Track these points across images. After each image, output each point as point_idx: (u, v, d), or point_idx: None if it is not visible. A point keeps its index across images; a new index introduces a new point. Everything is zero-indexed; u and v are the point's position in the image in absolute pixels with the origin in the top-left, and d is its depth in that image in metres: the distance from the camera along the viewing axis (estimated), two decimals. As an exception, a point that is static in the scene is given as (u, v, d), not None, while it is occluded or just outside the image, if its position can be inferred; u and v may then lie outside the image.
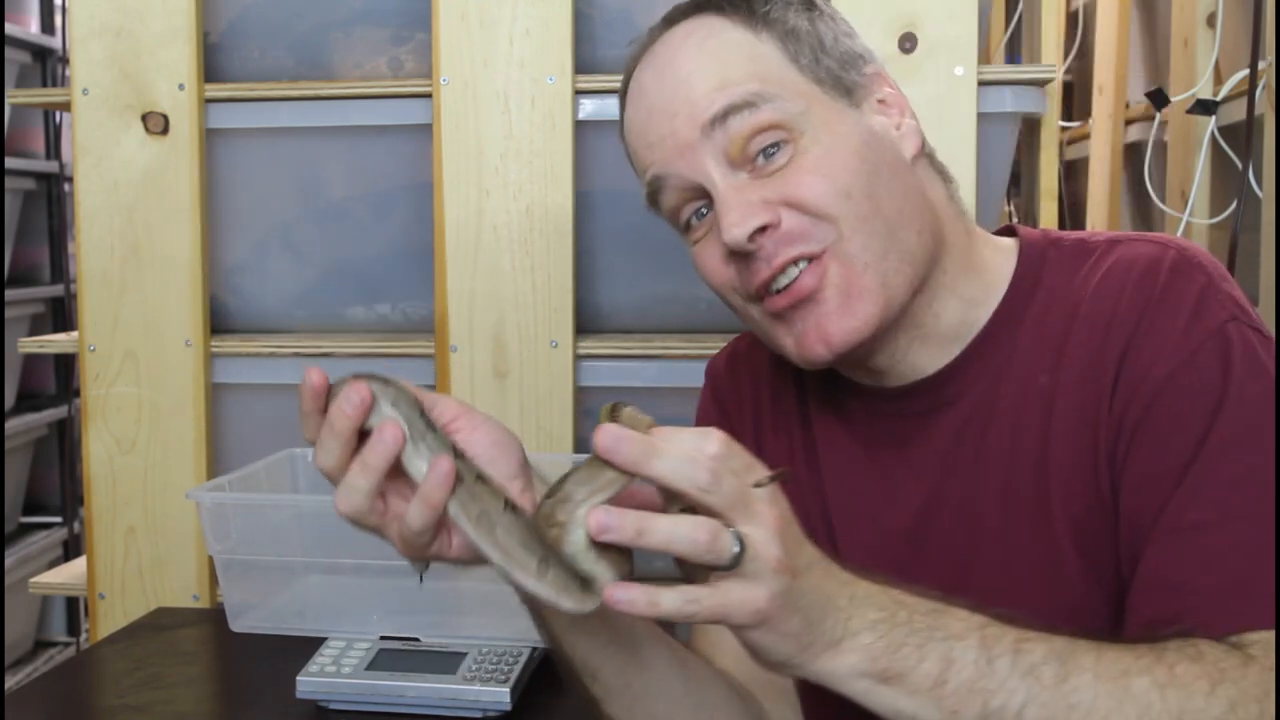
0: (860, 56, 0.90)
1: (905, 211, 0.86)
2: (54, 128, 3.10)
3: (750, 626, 0.67)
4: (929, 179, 0.91)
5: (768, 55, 0.87)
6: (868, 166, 0.86)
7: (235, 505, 1.20)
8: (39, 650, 3.08)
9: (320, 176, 1.61)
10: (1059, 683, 0.69)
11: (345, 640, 1.16)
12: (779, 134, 0.85)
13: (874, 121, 0.89)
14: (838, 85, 0.88)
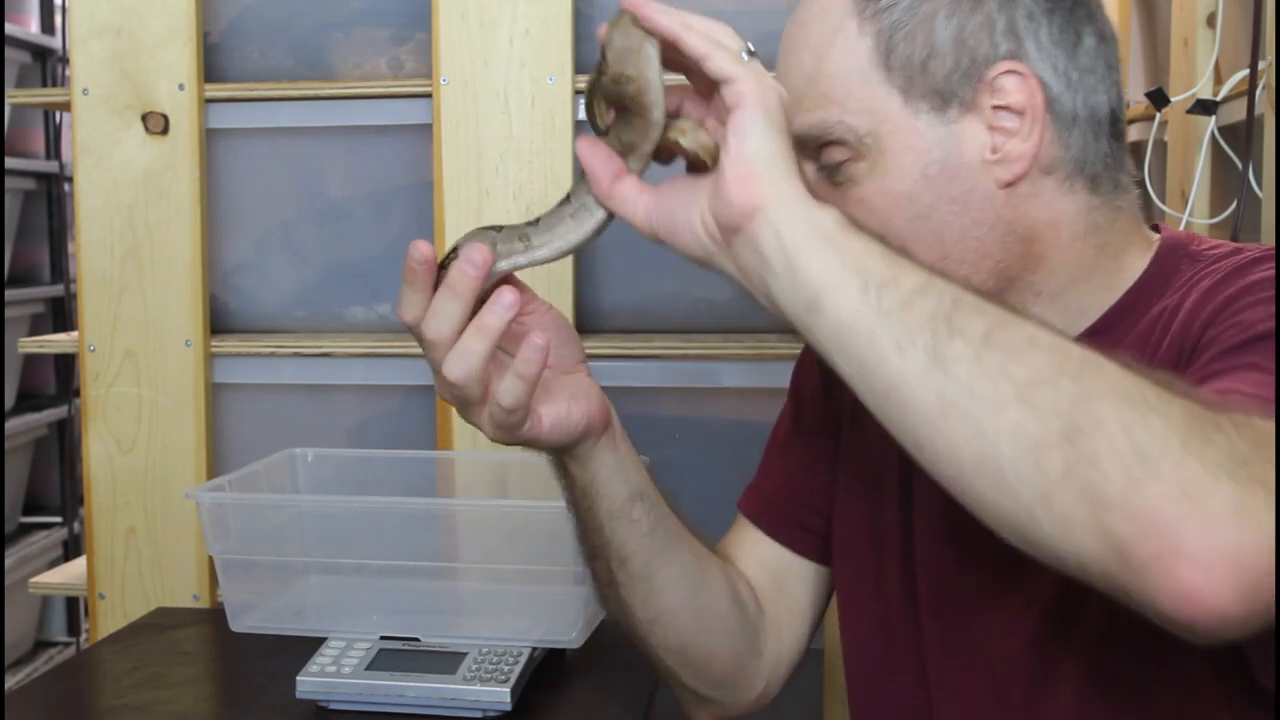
0: (990, 57, 0.82)
1: (954, 256, 0.82)
2: (54, 128, 3.10)
3: (735, 104, 0.71)
4: (1049, 197, 0.84)
5: (857, 53, 0.83)
6: (918, 208, 0.83)
7: (235, 505, 1.20)
8: (39, 650, 3.08)
9: (320, 176, 1.61)
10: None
11: (345, 640, 1.16)
12: (844, 152, 0.84)
13: (960, 142, 0.82)
14: (932, 92, 0.82)
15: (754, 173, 0.71)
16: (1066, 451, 0.60)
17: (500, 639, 1.15)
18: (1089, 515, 0.60)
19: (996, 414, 0.63)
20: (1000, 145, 0.82)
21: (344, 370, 1.55)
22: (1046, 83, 0.82)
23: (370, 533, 1.21)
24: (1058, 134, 0.83)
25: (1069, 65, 0.83)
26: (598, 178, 0.77)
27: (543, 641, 1.16)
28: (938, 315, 0.66)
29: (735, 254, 0.75)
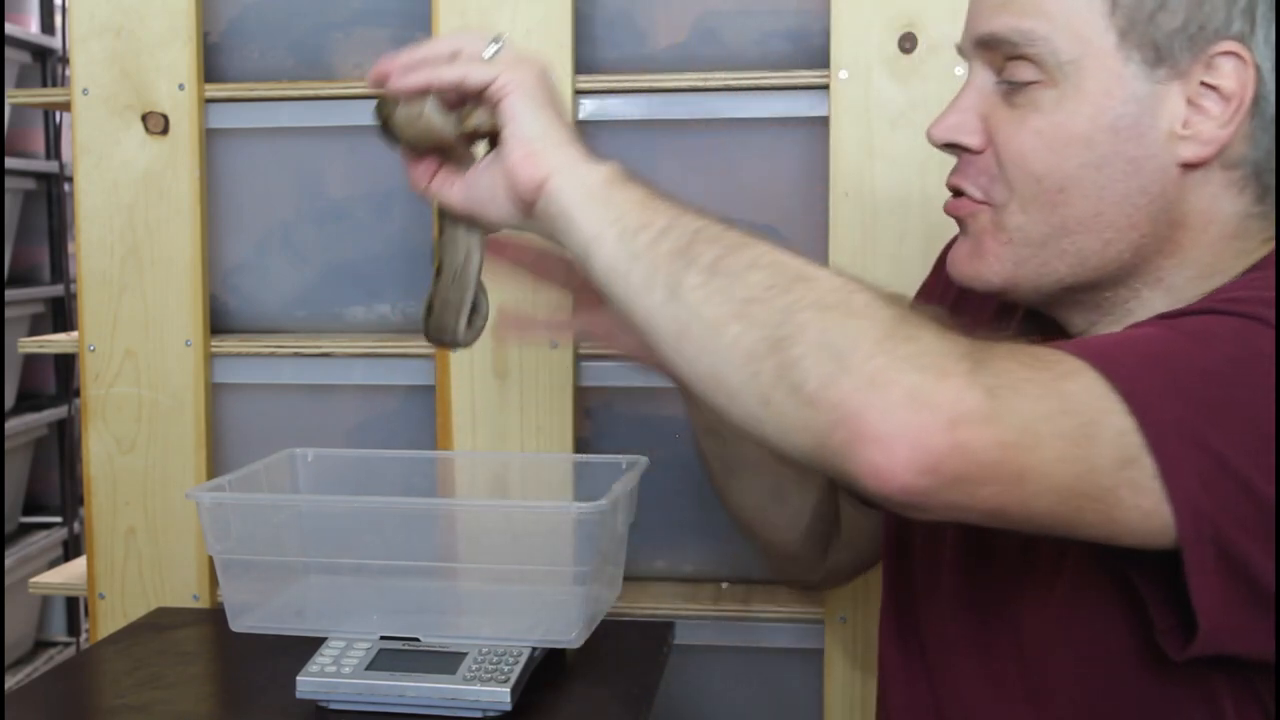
0: (1219, 29, 0.78)
1: (1105, 216, 0.81)
2: (54, 128, 3.10)
3: (500, 97, 0.80)
4: (1216, 190, 0.81)
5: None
6: (1092, 156, 0.80)
7: (235, 505, 1.20)
8: (39, 650, 3.08)
9: (320, 176, 1.61)
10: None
11: (345, 640, 1.16)
12: (1034, 73, 0.81)
13: (1158, 104, 0.79)
14: (1150, 44, 0.79)
15: (532, 150, 0.79)
16: (776, 358, 0.67)
17: (500, 639, 1.15)
18: (797, 412, 0.67)
19: (720, 332, 0.70)
20: (1194, 123, 0.80)
21: (344, 370, 1.55)
22: (1263, 77, 0.79)
23: (370, 533, 1.21)
24: (1252, 131, 0.80)
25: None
26: (416, 183, 0.89)
27: (543, 641, 1.15)
28: (676, 251, 0.73)
29: (536, 220, 0.82)
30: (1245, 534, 0.69)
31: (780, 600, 1.50)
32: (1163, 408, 0.68)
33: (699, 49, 1.50)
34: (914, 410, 0.65)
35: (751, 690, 1.55)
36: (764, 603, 1.49)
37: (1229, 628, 0.72)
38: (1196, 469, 0.68)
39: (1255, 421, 0.69)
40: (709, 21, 1.50)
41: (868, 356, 0.66)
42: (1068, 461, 0.67)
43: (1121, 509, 0.69)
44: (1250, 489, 0.69)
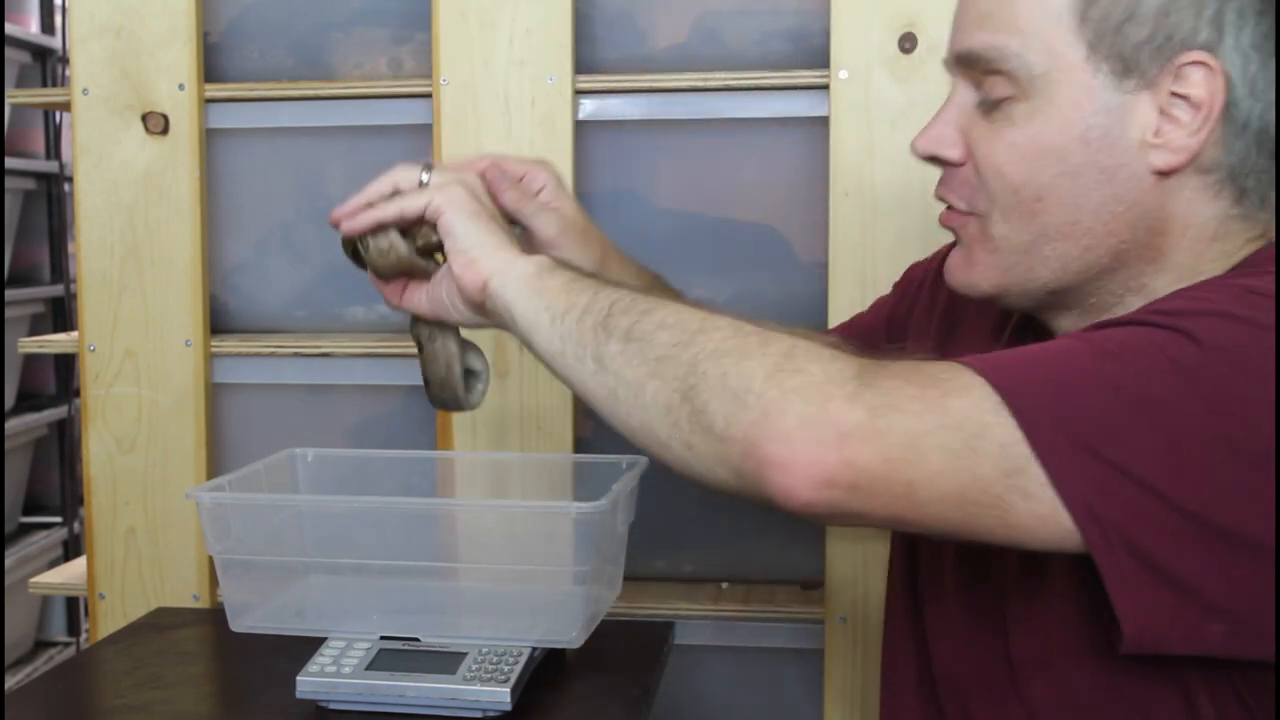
0: (1186, 39, 0.80)
1: (1083, 224, 0.83)
2: (54, 128, 3.10)
3: (437, 217, 0.93)
4: (1193, 195, 0.83)
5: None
6: (1066, 167, 0.82)
7: (235, 505, 1.20)
8: (39, 650, 3.08)
9: (320, 176, 1.61)
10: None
11: (345, 640, 1.16)
12: (1009, 87, 0.84)
13: (1128, 114, 0.81)
14: (1118, 56, 0.81)
15: (471, 258, 0.91)
16: (689, 406, 0.76)
17: (500, 639, 1.15)
18: (713, 450, 0.75)
19: (641, 391, 0.79)
20: (1165, 131, 0.81)
21: (344, 370, 1.55)
22: (1233, 83, 0.81)
23: (370, 533, 1.21)
24: (1224, 137, 0.82)
25: (1259, 73, 0.81)
26: (390, 301, 1.01)
27: (543, 641, 1.15)
28: (598, 324, 0.82)
29: (488, 316, 0.93)
30: (1165, 542, 0.71)
31: (780, 600, 1.50)
32: (1051, 420, 0.72)
33: (699, 49, 1.50)
34: (804, 434, 0.72)
35: (751, 690, 1.55)
36: (764, 603, 1.49)
37: (1163, 632, 0.73)
38: (1090, 477, 0.71)
39: (1164, 431, 0.71)
40: (709, 21, 1.50)
41: (760, 393, 0.74)
42: (952, 473, 0.72)
43: (1015, 514, 0.72)
44: (1163, 497, 0.71)
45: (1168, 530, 0.71)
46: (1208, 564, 0.72)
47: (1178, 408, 0.71)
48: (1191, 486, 0.71)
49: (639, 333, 0.81)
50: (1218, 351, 0.72)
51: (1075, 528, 0.72)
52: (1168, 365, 0.72)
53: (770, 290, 1.52)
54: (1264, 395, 0.71)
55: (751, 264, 1.52)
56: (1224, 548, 0.71)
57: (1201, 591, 0.72)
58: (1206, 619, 0.73)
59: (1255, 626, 0.73)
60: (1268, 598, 0.73)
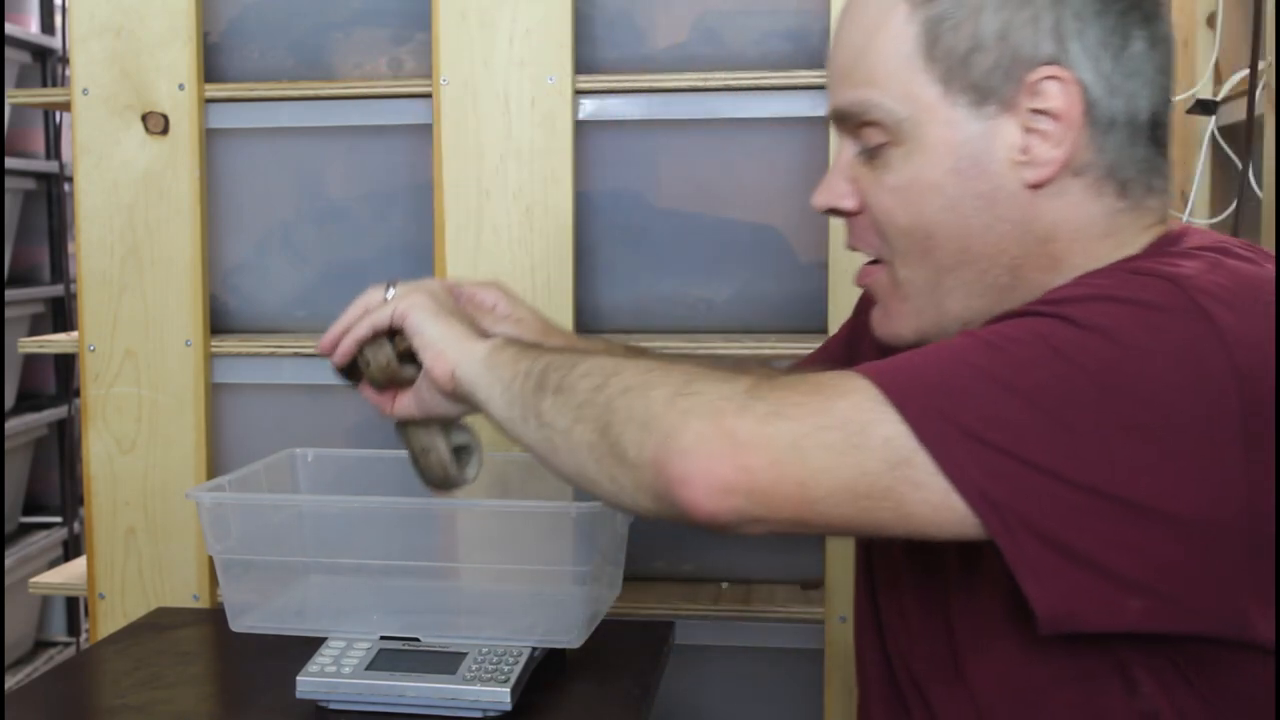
0: (1031, 57, 0.83)
1: (973, 250, 0.86)
2: (54, 128, 3.10)
3: (403, 321, 1.01)
4: (1076, 199, 0.85)
5: (903, 38, 0.85)
6: (945, 200, 0.85)
7: (235, 505, 1.20)
8: (39, 650, 3.08)
9: (320, 176, 1.61)
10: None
11: (345, 640, 1.16)
12: (881, 135, 0.87)
13: (992, 139, 0.84)
14: (971, 87, 0.84)
15: (439, 350, 0.99)
16: (607, 443, 0.83)
17: (500, 639, 1.15)
18: (632, 479, 0.81)
19: (570, 437, 0.86)
20: (1032, 147, 0.84)
21: (344, 370, 1.54)
22: (1087, 86, 0.83)
23: (370, 533, 1.21)
24: (1093, 138, 0.84)
25: (1113, 69, 0.84)
26: (380, 407, 1.08)
27: (543, 641, 1.16)
28: (535, 386, 0.90)
29: (464, 402, 1.00)
30: (1066, 520, 0.73)
31: (780, 600, 1.50)
32: (935, 410, 0.75)
33: (699, 49, 1.50)
34: (701, 448, 0.77)
35: (751, 690, 1.55)
36: (764, 603, 1.49)
37: (1077, 610, 0.75)
38: (978, 462, 0.74)
39: (1049, 412, 0.73)
40: (709, 21, 1.50)
41: (662, 416, 0.80)
42: (838, 469, 0.76)
43: (910, 505, 0.75)
44: (1057, 476, 0.73)
45: (1067, 508, 0.73)
46: (1114, 539, 0.73)
47: (1061, 389, 0.73)
48: (1086, 464, 0.73)
49: (565, 385, 0.88)
50: (1097, 331, 0.74)
51: (972, 514, 0.74)
52: (1048, 350, 0.75)
53: (770, 290, 1.52)
54: (1148, 369, 0.73)
55: (751, 264, 1.52)
56: (1131, 522, 0.73)
57: (1111, 567, 0.74)
58: (1122, 595, 0.74)
59: (1181, 602, 0.75)
60: (1195, 573, 0.74)
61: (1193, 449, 0.73)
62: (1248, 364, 0.73)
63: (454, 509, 1.27)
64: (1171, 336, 0.74)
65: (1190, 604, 0.75)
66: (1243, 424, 0.73)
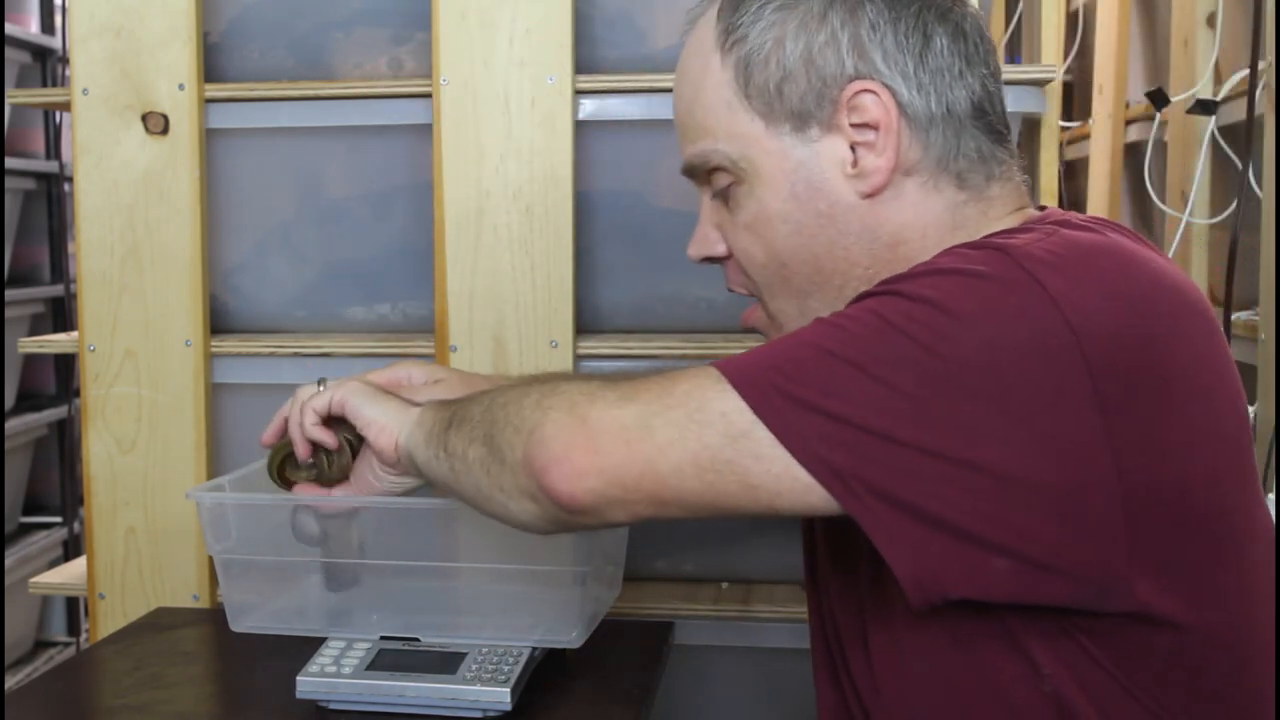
0: (839, 76, 0.87)
1: (826, 269, 0.90)
2: (54, 128, 3.10)
3: (343, 407, 1.08)
4: (913, 198, 0.89)
5: (722, 84, 0.91)
6: (790, 226, 0.90)
7: (235, 505, 1.20)
8: (39, 650, 3.08)
9: (320, 176, 1.61)
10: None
11: (345, 640, 1.16)
12: (727, 177, 0.93)
13: (822, 158, 0.89)
14: (790, 115, 0.89)
15: (381, 425, 1.05)
16: (493, 455, 0.89)
17: (500, 639, 1.15)
18: (514, 483, 0.87)
19: (466, 459, 0.93)
20: (859, 159, 0.88)
21: (344, 371, 1.54)
22: (896, 91, 0.87)
23: (370, 533, 1.21)
24: (915, 137, 0.88)
25: (918, 68, 0.87)
26: (318, 507, 1.17)
27: (543, 641, 1.16)
28: (444, 426, 0.97)
29: (406, 471, 1.06)
30: (913, 483, 0.75)
31: (780, 600, 1.50)
32: (770, 385, 0.78)
33: (699, 49, 1.50)
34: (559, 437, 0.83)
35: (751, 690, 1.55)
36: (763, 603, 1.49)
37: (939, 573, 0.76)
38: (816, 432, 0.77)
39: (883, 380, 0.76)
40: (709, 21, 1.50)
41: (529, 416, 0.86)
42: (682, 442, 0.80)
43: (753, 476, 0.79)
44: (896, 441, 0.75)
45: (912, 472, 0.75)
46: (966, 503, 0.75)
47: (892, 356, 0.76)
48: (925, 428, 0.75)
49: (465, 417, 0.94)
50: (925, 302, 0.77)
51: (815, 482, 0.77)
52: (879, 322, 0.78)
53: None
54: (979, 336, 0.75)
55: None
56: (981, 486, 0.74)
57: (968, 529, 0.75)
58: (985, 556, 0.76)
59: (1050, 566, 0.76)
60: (1059, 537, 0.75)
61: (1037, 413, 0.74)
62: (1083, 326, 0.74)
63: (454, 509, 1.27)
64: (1001, 303, 0.76)
65: (1060, 567, 0.76)
66: (1093, 386, 0.74)
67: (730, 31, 0.90)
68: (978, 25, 0.91)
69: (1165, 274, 0.81)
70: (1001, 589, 0.77)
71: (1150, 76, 2.52)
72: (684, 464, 0.80)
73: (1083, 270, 0.77)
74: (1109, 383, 0.74)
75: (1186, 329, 0.79)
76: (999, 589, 0.77)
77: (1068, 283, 0.76)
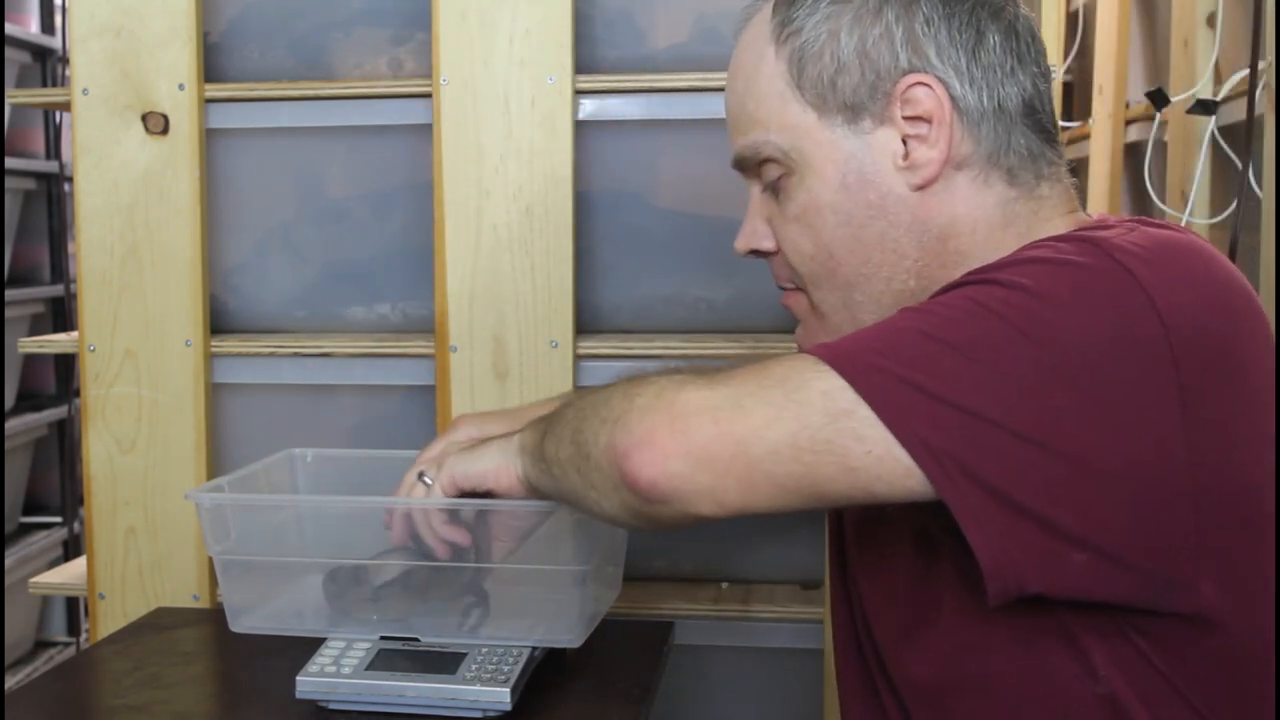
0: (893, 69, 0.88)
1: (874, 260, 0.90)
2: (54, 128, 3.10)
3: (457, 488, 1.06)
4: (964, 193, 0.89)
5: (775, 76, 0.91)
6: (839, 217, 0.90)
7: (235, 505, 1.20)
8: (39, 650, 3.08)
9: (320, 176, 1.61)
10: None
11: (345, 640, 1.16)
12: (778, 169, 0.93)
13: (874, 150, 0.89)
14: (843, 106, 0.89)
15: (495, 470, 1.03)
16: (581, 450, 0.88)
17: (500, 639, 1.15)
18: (602, 478, 0.85)
19: (562, 464, 0.92)
20: (911, 151, 0.88)
21: (344, 370, 1.54)
22: (949, 84, 0.87)
23: (370, 533, 1.21)
24: (967, 131, 0.88)
25: (971, 63, 0.88)
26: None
27: (543, 641, 1.16)
28: (542, 439, 0.96)
29: (535, 492, 1.02)
30: (1008, 469, 0.75)
31: (780, 600, 1.50)
32: (872, 366, 0.78)
33: (699, 49, 1.50)
34: (645, 421, 0.81)
35: (751, 690, 1.55)
36: (763, 603, 1.49)
37: (1019, 560, 0.76)
38: (918, 412, 0.76)
39: (984, 363, 0.76)
40: (709, 21, 1.50)
41: (616, 407, 0.84)
42: (778, 422, 0.78)
43: (853, 457, 0.77)
44: (997, 424, 0.75)
45: (1007, 457, 0.75)
46: (1053, 492, 0.75)
47: (991, 340, 0.76)
48: (1022, 413, 0.75)
49: (555, 422, 0.94)
50: (1020, 289, 0.77)
51: (914, 464, 0.76)
52: (975, 307, 0.78)
53: (770, 290, 1.51)
54: (1074, 322, 0.75)
55: (751, 264, 1.51)
56: (1068, 474, 0.74)
57: (1052, 519, 0.75)
58: (1064, 547, 0.75)
59: (1122, 559, 0.76)
60: (1135, 530, 0.75)
61: (1121, 402, 0.75)
62: (1173, 319, 0.75)
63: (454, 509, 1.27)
64: (1094, 291, 0.76)
65: (1132, 562, 0.76)
66: (1177, 377, 0.75)
67: (786, 24, 0.90)
68: (1029, 25, 0.92)
69: (1238, 275, 0.83)
70: (1074, 583, 0.77)
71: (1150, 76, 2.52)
72: (780, 444, 0.78)
73: (1171, 265, 0.78)
74: (1192, 376, 0.75)
75: (1257, 330, 0.80)
76: (1072, 583, 0.77)
77: (1158, 276, 0.77)
